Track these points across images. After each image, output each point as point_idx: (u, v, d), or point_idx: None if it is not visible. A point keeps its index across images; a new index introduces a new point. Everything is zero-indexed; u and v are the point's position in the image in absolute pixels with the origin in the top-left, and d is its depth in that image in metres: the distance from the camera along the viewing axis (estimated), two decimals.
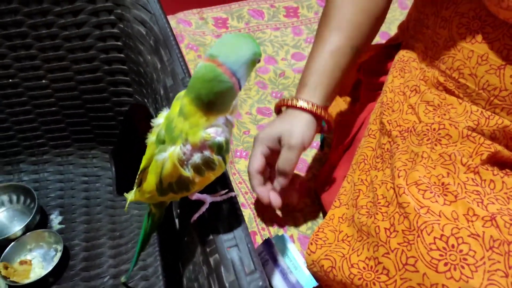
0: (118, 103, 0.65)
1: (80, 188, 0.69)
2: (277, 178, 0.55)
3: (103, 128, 0.69)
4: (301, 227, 0.65)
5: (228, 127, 0.33)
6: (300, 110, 0.54)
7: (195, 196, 0.36)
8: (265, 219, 0.66)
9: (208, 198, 0.36)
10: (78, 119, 0.67)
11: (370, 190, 0.50)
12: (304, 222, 0.66)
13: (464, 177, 0.45)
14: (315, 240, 0.51)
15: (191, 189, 0.34)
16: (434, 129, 0.49)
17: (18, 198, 0.66)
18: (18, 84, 0.63)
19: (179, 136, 0.32)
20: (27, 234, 0.60)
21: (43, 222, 0.64)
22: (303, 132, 0.53)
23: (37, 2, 0.56)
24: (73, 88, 0.64)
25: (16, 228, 0.61)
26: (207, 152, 0.32)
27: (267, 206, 0.57)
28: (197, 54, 0.90)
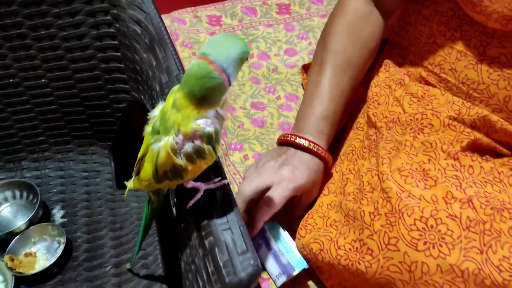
0: (116, 100, 0.66)
1: (81, 183, 0.71)
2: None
3: (101, 124, 0.70)
4: None
5: (219, 119, 0.35)
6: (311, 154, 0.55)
7: (190, 184, 0.39)
8: None
9: (202, 186, 0.39)
10: (77, 116, 0.69)
11: (357, 178, 0.52)
12: None
13: (444, 163, 0.47)
14: (305, 225, 0.54)
15: (184, 176, 0.36)
16: (417, 119, 0.51)
17: (21, 193, 0.67)
18: (19, 83, 0.64)
19: (172, 127, 0.34)
20: (31, 227, 0.61)
21: (45, 216, 0.65)
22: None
23: (36, 4, 0.57)
24: (72, 87, 0.65)
25: (20, 222, 0.63)
26: (197, 141, 0.34)
27: None
28: (192, 51, 0.92)
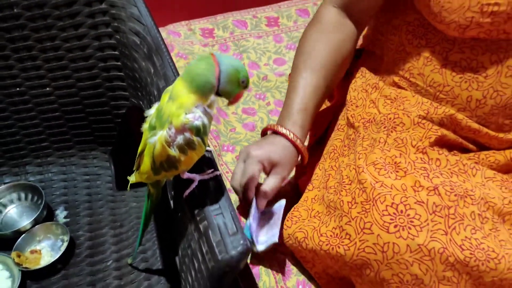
0: (116, 107, 0.71)
1: (83, 185, 0.75)
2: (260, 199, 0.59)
3: (102, 130, 0.74)
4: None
5: (207, 116, 0.40)
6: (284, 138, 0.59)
7: (186, 175, 0.43)
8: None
9: (197, 177, 0.43)
10: (79, 122, 0.73)
11: (337, 173, 0.57)
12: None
13: (414, 157, 0.52)
14: (291, 217, 0.59)
15: (178, 167, 0.41)
16: (390, 118, 0.57)
17: (26, 195, 0.71)
18: (25, 92, 0.68)
19: (167, 120, 0.39)
20: (36, 226, 0.65)
21: (49, 217, 0.69)
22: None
23: (43, 18, 0.62)
24: (74, 94, 0.69)
25: (25, 222, 0.66)
26: (187, 133, 0.38)
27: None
28: (186, 61, 0.98)
